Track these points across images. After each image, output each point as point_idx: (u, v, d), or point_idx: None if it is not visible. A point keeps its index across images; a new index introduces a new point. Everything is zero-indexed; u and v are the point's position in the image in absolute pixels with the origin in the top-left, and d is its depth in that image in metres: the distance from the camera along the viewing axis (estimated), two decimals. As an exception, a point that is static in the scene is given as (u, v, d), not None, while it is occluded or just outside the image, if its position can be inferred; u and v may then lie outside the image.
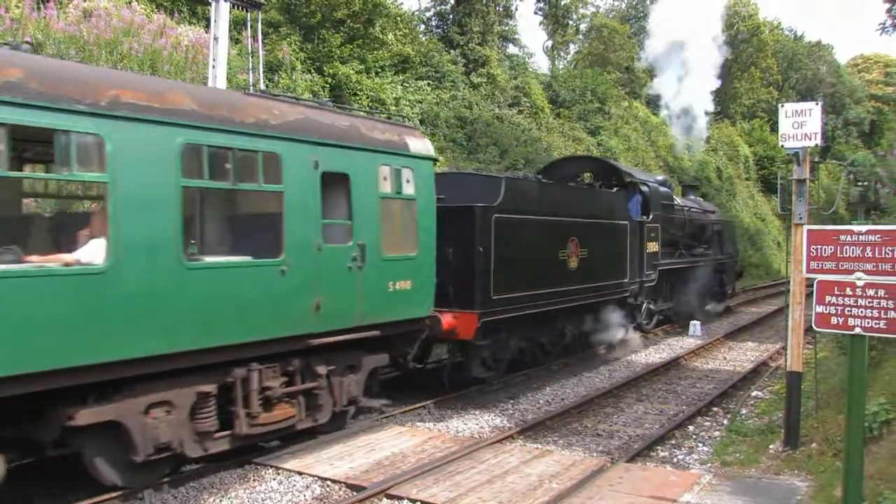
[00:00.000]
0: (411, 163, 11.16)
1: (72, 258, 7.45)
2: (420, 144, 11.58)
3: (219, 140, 8.39)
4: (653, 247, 19.48)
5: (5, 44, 7.62)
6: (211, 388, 8.57)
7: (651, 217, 19.45)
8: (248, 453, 9.50)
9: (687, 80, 38.05)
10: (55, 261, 7.33)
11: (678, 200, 22.95)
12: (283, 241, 9.07)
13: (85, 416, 7.50)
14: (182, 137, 7.98)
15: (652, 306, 20.50)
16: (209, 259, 8.61)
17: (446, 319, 12.10)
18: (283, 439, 10.04)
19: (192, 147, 8.11)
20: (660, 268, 20.00)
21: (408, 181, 11.06)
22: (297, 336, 9.36)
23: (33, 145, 8.61)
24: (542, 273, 14.26)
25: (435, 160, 12.05)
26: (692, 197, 26.17)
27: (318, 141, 9.61)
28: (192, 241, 8.44)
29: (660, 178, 23.34)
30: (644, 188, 19.66)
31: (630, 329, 18.62)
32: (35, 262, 7.14)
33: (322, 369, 9.93)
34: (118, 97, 7.54)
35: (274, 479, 9.01)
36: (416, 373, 13.43)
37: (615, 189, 18.61)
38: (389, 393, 12.54)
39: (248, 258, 8.95)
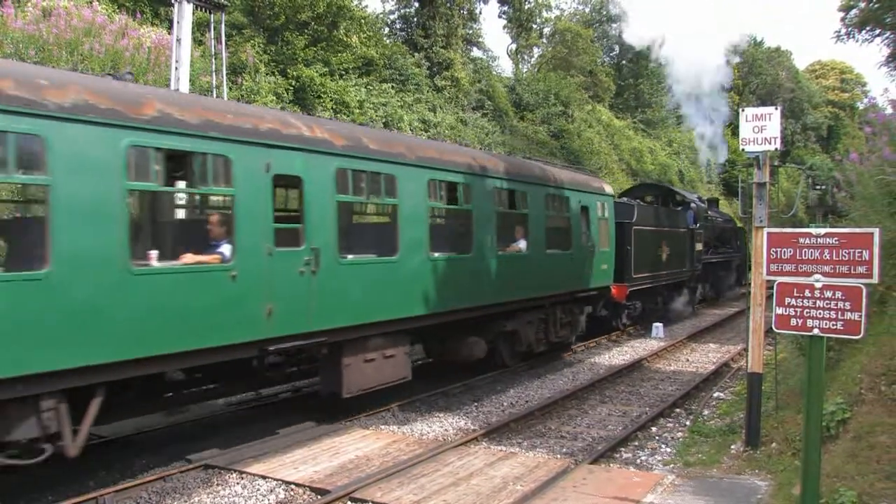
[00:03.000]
0: (606, 199, 19.50)
1: (516, 248, 15.29)
2: (608, 188, 20.37)
3: (554, 192, 16.62)
4: (699, 247, 27.99)
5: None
6: (543, 315, 16.53)
7: (698, 226, 27.72)
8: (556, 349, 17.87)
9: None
10: (515, 249, 15.21)
11: (710, 212, 31.45)
12: (571, 241, 17.27)
13: (510, 325, 15.31)
14: (545, 192, 16.22)
15: (697, 288, 29.04)
16: (550, 251, 16.27)
17: (613, 288, 20.00)
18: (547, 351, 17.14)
19: (550, 196, 16.43)
20: (703, 262, 28.45)
21: (605, 209, 19.32)
22: (572, 290, 17.53)
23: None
24: (652, 262, 23.05)
25: (614, 196, 20.71)
26: (715, 209, 34.43)
27: (578, 189, 17.86)
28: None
29: (695, 195, 32.60)
30: (693, 205, 28.53)
31: (684, 303, 26.96)
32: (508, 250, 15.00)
33: (577, 310, 18.29)
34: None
35: (237, 483, 8.93)
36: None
37: (679, 207, 27.79)
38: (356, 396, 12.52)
39: (560, 251, 16.68)
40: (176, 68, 14.02)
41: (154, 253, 8.61)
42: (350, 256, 11.17)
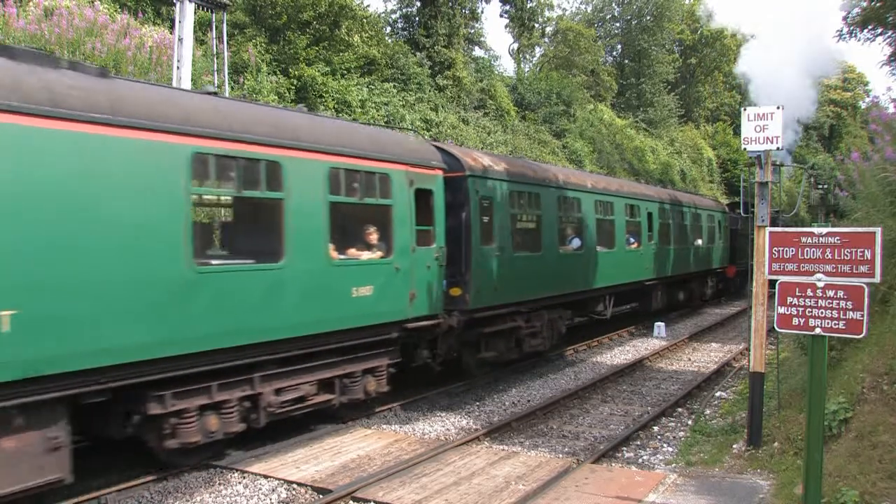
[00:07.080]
0: (725, 214, 32.29)
1: (697, 243, 28.75)
2: (722, 206, 33.76)
3: (709, 213, 30.28)
4: None
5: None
6: (700, 281, 29.78)
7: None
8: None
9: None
10: (696, 244, 28.57)
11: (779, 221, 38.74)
12: (715, 239, 30.84)
13: (691, 285, 28.83)
14: (706, 214, 30.50)
15: None
16: (707, 245, 30.03)
17: (728, 269, 32.67)
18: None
19: (707, 215, 29.92)
20: None
21: (725, 219, 32.15)
22: (712, 268, 30.63)
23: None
24: (742, 253, 32.49)
25: (725, 212, 32.60)
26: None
27: (715, 210, 31.37)
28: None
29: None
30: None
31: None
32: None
33: (712, 280, 31.39)
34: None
35: (239, 482, 8.95)
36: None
37: None
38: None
39: (710, 244, 30.11)
40: (178, 68, 14.02)
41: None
42: (660, 245, 23.26)
